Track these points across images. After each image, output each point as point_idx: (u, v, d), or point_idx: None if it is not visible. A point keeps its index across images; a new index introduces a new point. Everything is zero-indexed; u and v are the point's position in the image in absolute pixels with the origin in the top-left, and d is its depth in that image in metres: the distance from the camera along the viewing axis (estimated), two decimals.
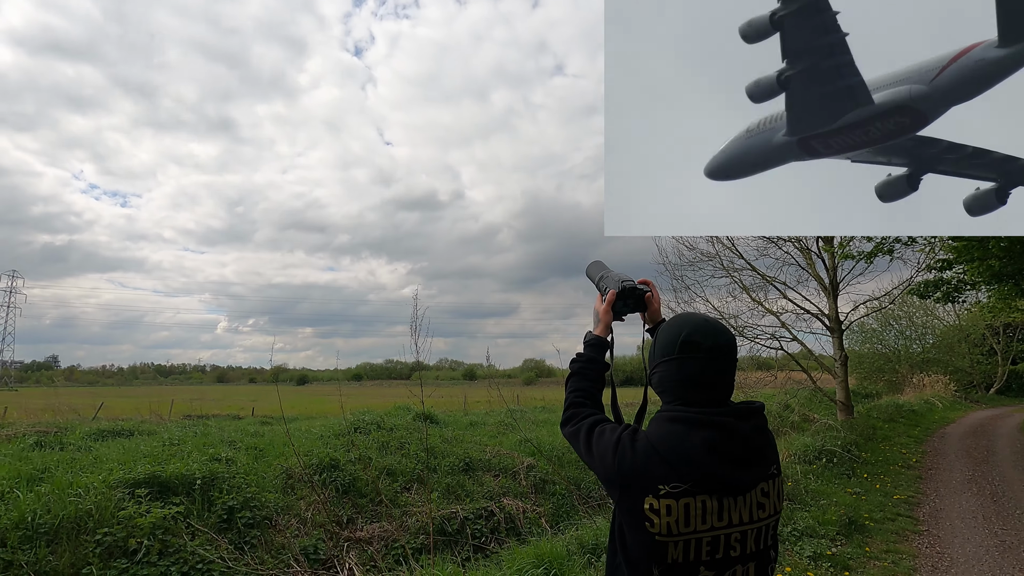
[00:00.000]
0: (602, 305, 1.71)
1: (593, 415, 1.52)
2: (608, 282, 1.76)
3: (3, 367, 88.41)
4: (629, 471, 1.27)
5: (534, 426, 12.17)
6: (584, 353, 1.70)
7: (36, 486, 4.68)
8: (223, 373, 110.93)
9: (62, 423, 10.33)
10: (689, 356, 1.34)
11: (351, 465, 6.46)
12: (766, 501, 1.31)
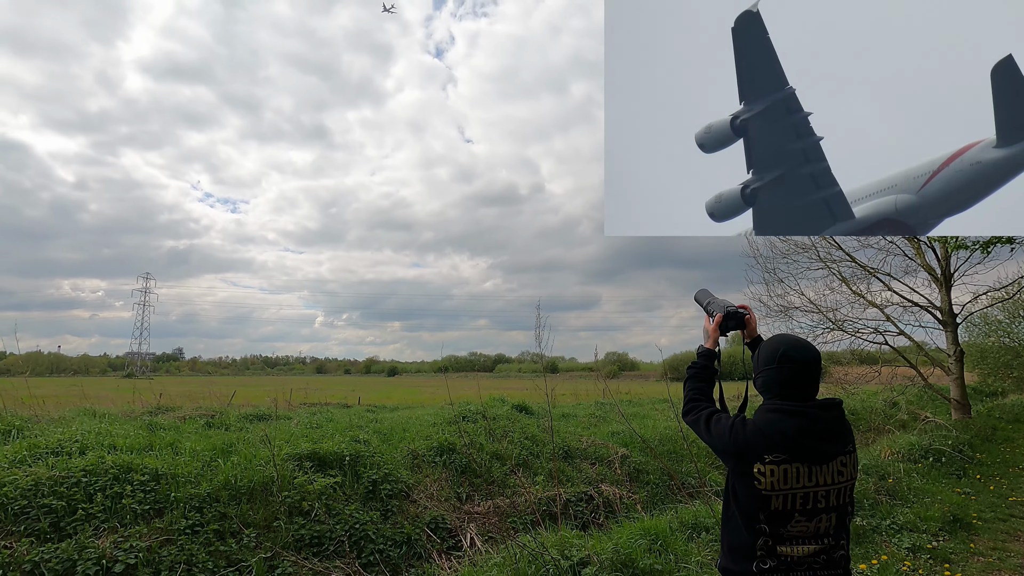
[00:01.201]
0: (711, 325, 2.26)
1: (709, 407, 2.08)
2: (715, 307, 2.30)
3: (140, 358, 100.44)
4: (743, 445, 1.82)
5: (623, 419, 12.59)
6: (698, 361, 2.25)
7: (229, 457, 5.84)
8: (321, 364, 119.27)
9: (214, 407, 12.11)
10: (786, 366, 1.87)
11: (465, 449, 7.29)
12: (844, 469, 1.82)
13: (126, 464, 4.96)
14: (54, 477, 4.58)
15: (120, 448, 5.61)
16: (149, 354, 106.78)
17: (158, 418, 8.97)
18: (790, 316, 15.54)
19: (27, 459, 4.97)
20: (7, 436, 6.27)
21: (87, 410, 9.64)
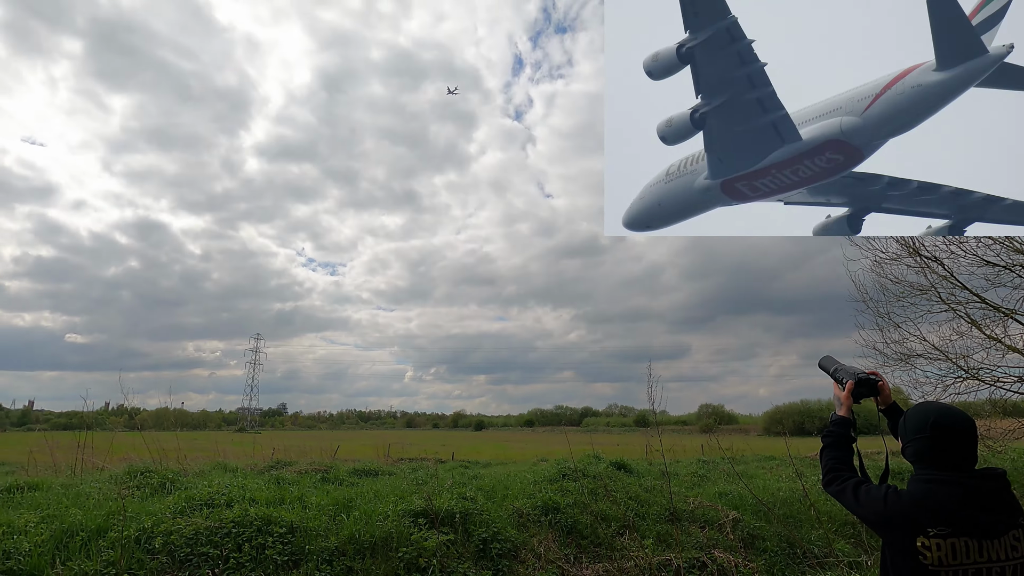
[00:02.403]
0: (843, 392, 2.26)
1: (853, 477, 2.08)
2: (843, 374, 2.30)
3: (250, 413, 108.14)
4: (899, 517, 1.81)
5: (728, 477, 11.86)
6: (833, 430, 2.25)
7: (350, 512, 6.21)
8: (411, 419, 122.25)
9: (324, 462, 12.85)
10: (939, 435, 1.85)
11: (570, 509, 7.23)
12: (1018, 544, 1.74)
13: (266, 517, 5.44)
14: (210, 527, 5.12)
15: (259, 501, 6.15)
16: (257, 409, 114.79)
17: (281, 472, 9.68)
18: (912, 364, 14.16)
19: (186, 510, 5.59)
20: (163, 488, 7.08)
21: (220, 464, 10.62)
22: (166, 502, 5.81)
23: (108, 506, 5.73)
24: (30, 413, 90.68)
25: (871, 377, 2.25)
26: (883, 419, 2.28)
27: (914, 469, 1.96)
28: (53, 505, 5.76)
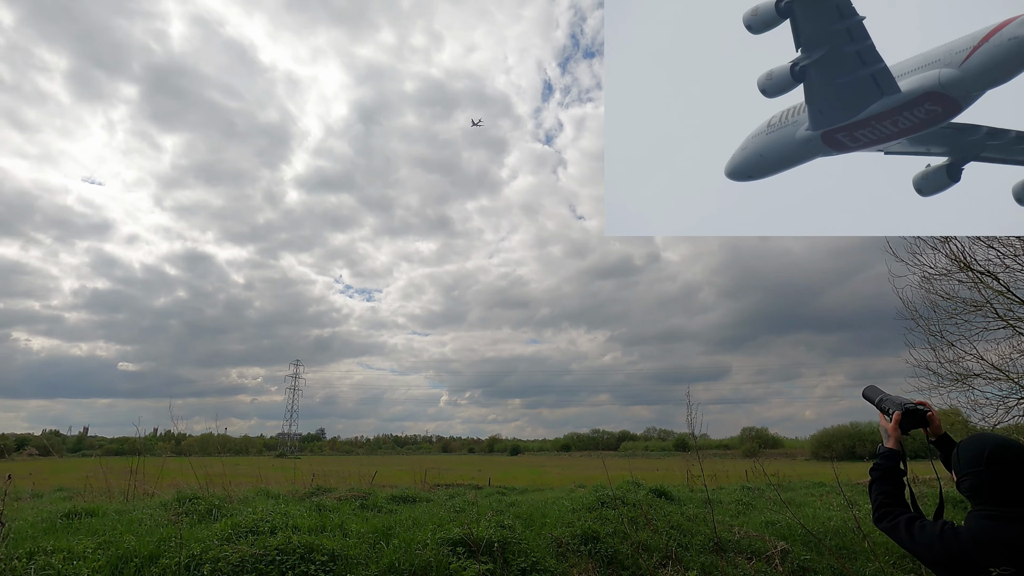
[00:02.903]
0: (890, 424, 2.20)
1: (906, 512, 2.01)
2: (889, 404, 2.23)
3: (290, 439, 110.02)
4: (959, 556, 1.74)
5: (775, 505, 11.40)
6: (881, 463, 2.18)
7: (389, 540, 6.24)
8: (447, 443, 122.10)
9: (363, 488, 12.96)
10: (996, 469, 1.78)
11: (610, 538, 7.08)
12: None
13: (308, 544, 5.52)
14: (255, 554, 5.23)
15: (301, 529, 6.26)
16: (297, 434, 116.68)
17: (321, 499, 9.82)
18: (969, 384, 13.44)
19: (232, 537, 5.73)
20: (210, 514, 7.28)
21: (262, 490, 10.84)
22: (213, 529, 5.97)
23: (159, 532, 5.93)
24: (85, 439, 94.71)
25: (919, 407, 2.17)
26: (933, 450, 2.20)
27: (971, 504, 1.88)
28: (109, 531, 5.99)
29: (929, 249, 12.81)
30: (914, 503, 2.08)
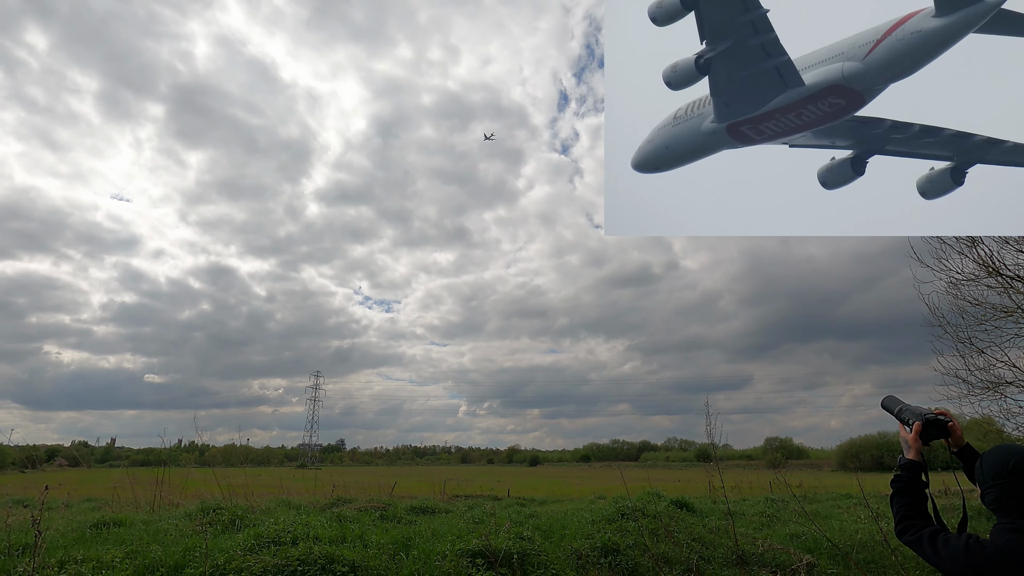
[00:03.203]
0: (910, 434, 2.17)
1: (929, 525, 1.97)
2: (909, 414, 2.20)
3: (310, 449, 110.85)
4: (984, 570, 1.71)
5: (800, 518, 11.16)
6: (903, 475, 2.15)
7: (409, 551, 6.27)
8: (465, 454, 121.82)
9: (382, 499, 13.02)
10: (1020, 480, 1.75)
11: (630, 551, 7.01)
12: None
13: (329, 555, 5.58)
14: (277, 565, 5.30)
15: (322, 539, 6.32)
16: (317, 445, 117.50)
17: (341, 510, 9.89)
18: (1001, 393, 13.06)
19: (255, 547, 5.81)
20: (233, 524, 7.39)
21: (283, 500, 10.96)
22: (237, 539, 6.07)
23: (184, 542, 6.04)
24: (112, 450, 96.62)
25: (940, 417, 2.14)
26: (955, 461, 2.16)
27: (996, 517, 1.85)
28: (136, 541, 6.12)
29: (955, 254, 12.52)
30: (937, 516, 2.05)
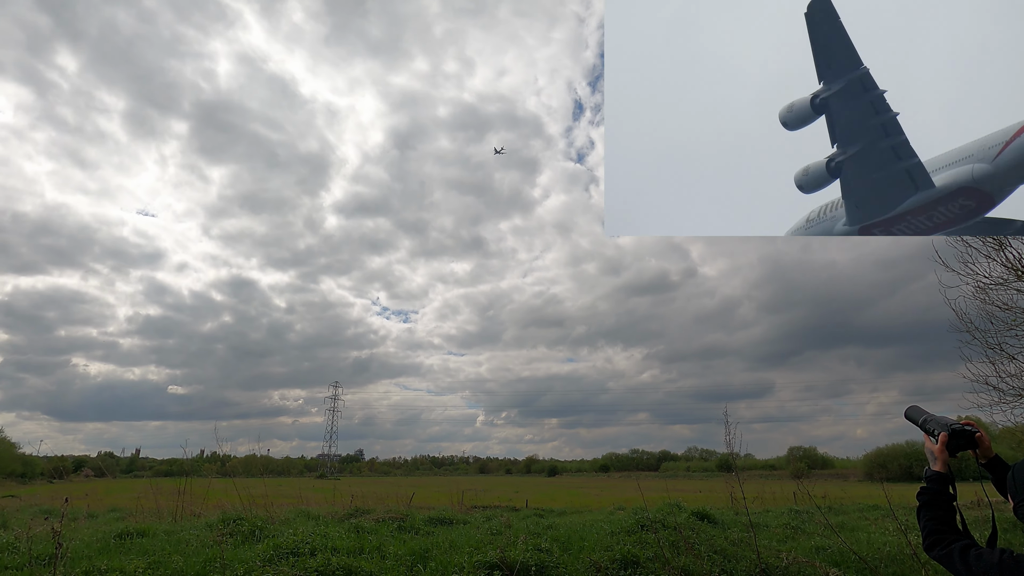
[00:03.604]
0: (936, 446, 2.10)
1: (959, 539, 1.91)
2: (934, 425, 2.13)
3: (330, 460, 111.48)
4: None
5: (825, 530, 10.88)
6: (929, 487, 2.08)
7: (426, 563, 6.25)
8: (484, 464, 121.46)
9: (400, 510, 13.02)
10: None
11: (650, 563, 6.90)
12: None
13: (347, 567, 5.59)
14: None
15: (340, 550, 6.33)
16: (336, 455, 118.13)
17: (360, 520, 9.91)
18: None
19: (274, 558, 5.85)
20: (253, 535, 7.44)
21: (302, 511, 11.03)
22: (256, 550, 6.11)
23: (205, 553, 6.09)
24: (137, 460, 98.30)
25: (967, 428, 2.07)
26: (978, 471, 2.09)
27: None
28: (158, 551, 6.20)
29: (982, 257, 12.21)
30: (966, 529, 1.98)
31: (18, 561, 5.65)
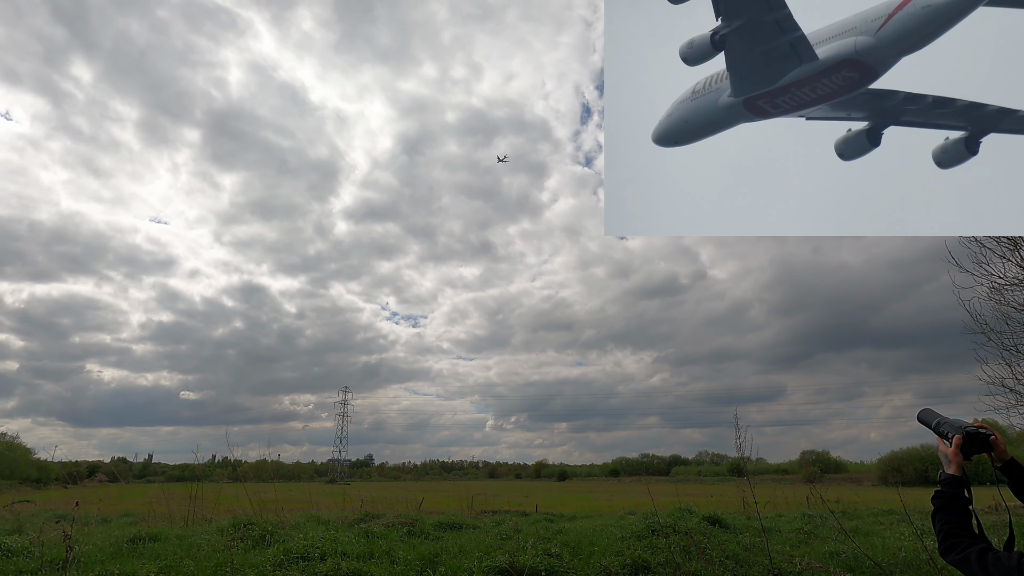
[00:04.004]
0: (950, 449, 2.06)
1: (976, 544, 1.87)
2: (948, 428, 2.09)
3: (340, 465, 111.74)
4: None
5: (839, 535, 10.73)
6: (944, 491, 2.05)
7: (436, 568, 6.23)
8: (493, 469, 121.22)
9: (410, 515, 13.01)
10: None
11: (661, 568, 6.84)
12: None
13: (357, 572, 5.59)
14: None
15: (350, 555, 6.34)
16: (346, 460, 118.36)
17: (369, 525, 9.92)
18: None
19: (284, 563, 5.86)
20: (263, 540, 7.47)
21: (313, 516, 11.06)
22: (266, 554, 6.13)
23: (216, 557, 6.12)
24: (150, 466, 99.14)
25: (981, 431, 2.03)
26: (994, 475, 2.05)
27: None
28: (170, 556, 6.24)
29: (996, 257, 12.05)
30: (982, 533, 1.94)
31: (32, 566, 5.70)
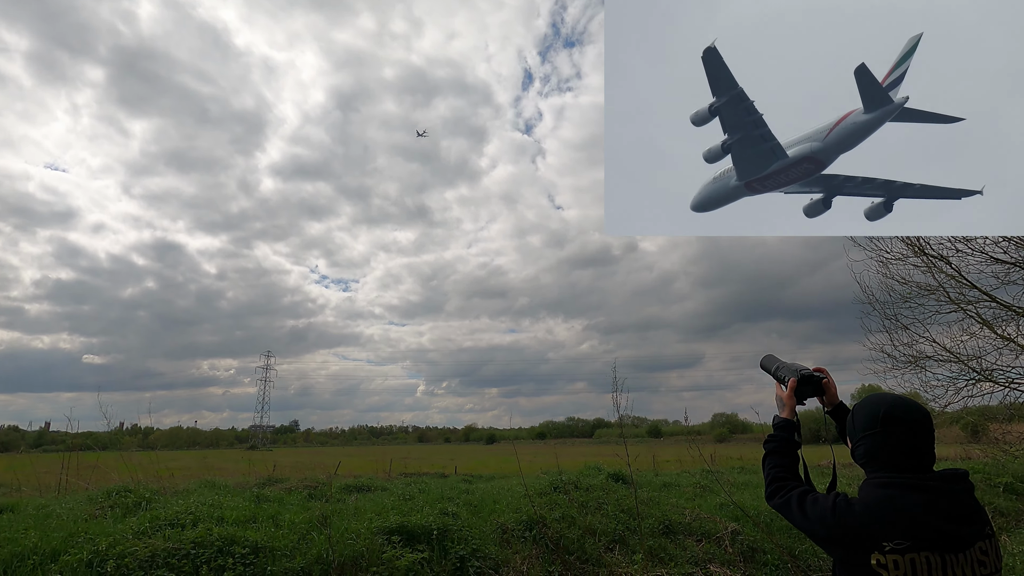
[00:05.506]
0: (785, 392, 2.00)
1: (799, 486, 1.81)
2: (785, 372, 2.05)
3: (262, 431, 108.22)
4: (853, 530, 1.54)
5: (734, 488, 11.43)
6: (776, 435, 1.99)
7: (323, 530, 5.95)
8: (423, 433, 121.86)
9: (317, 479, 12.61)
10: (893, 429, 1.59)
11: (556, 523, 6.92)
12: (986, 559, 1.48)
13: (230, 536, 5.21)
14: (168, 549, 4.90)
15: (227, 520, 5.92)
16: (269, 426, 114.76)
17: (267, 490, 9.45)
18: (922, 367, 13.74)
19: (148, 530, 5.37)
20: (137, 508, 6.88)
21: (208, 482, 10.41)
22: (128, 523, 5.60)
23: (71, 528, 5.53)
24: (46, 434, 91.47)
25: (815, 374, 1.99)
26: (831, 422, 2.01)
27: (866, 472, 1.69)
28: (13, 528, 5.57)
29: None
30: (807, 476, 1.89)
31: None
